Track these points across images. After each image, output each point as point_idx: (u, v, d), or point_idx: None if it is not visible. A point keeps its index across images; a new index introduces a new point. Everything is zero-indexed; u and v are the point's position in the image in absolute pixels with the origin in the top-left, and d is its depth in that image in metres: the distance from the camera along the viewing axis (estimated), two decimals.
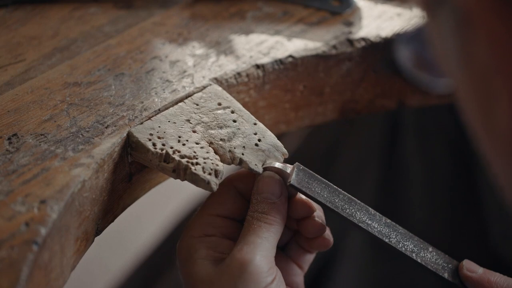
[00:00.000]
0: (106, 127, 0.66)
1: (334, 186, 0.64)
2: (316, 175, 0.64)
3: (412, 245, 0.64)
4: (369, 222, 0.63)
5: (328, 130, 1.16)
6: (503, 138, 0.39)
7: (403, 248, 0.64)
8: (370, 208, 0.64)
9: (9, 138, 0.64)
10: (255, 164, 0.64)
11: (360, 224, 0.63)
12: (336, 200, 0.63)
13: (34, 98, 0.69)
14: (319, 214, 0.64)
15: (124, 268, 1.56)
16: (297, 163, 0.64)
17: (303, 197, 0.64)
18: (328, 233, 0.65)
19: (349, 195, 0.64)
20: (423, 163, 1.12)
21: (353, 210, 0.63)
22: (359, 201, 0.64)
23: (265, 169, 0.64)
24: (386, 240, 0.63)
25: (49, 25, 0.81)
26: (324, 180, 0.64)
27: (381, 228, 0.63)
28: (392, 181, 1.12)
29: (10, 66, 0.73)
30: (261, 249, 0.59)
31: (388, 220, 0.64)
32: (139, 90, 0.71)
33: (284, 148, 0.67)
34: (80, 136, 0.65)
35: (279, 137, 0.68)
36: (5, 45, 0.77)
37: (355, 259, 1.06)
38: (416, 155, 1.11)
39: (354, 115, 0.82)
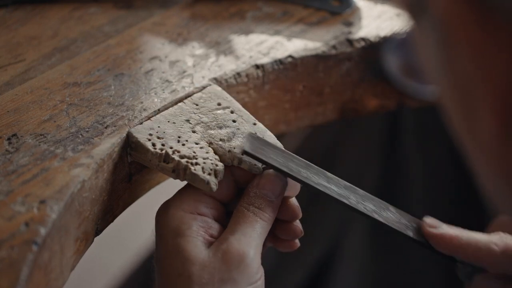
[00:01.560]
0: (106, 127, 0.66)
1: (291, 153, 0.63)
2: (271, 143, 0.63)
3: (373, 205, 0.63)
4: (327, 185, 0.62)
5: (328, 130, 1.16)
6: (487, 146, 0.39)
7: (364, 209, 0.62)
8: (327, 173, 0.63)
9: (8, 138, 0.64)
10: (255, 164, 0.64)
11: (317, 187, 0.61)
12: (292, 165, 0.62)
13: (34, 98, 0.69)
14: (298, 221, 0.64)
15: (124, 268, 1.56)
16: (249, 132, 0.64)
17: (295, 202, 0.64)
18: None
19: (306, 161, 0.63)
20: (423, 163, 1.12)
21: (309, 174, 0.62)
22: (316, 167, 0.63)
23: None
24: (345, 201, 0.61)
25: (49, 25, 0.81)
26: (280, 147, 0.63)
27: (340, 191, 0.62)
28: (392, 181, 1.12)
29: (10, 66, 0.73)
30: (257, 244, 0.59)
31: (348, 184, 0.63)
32: (139, 90, 0.71)
33: (283, 148, 0.66)
34: (80, 136, 0.65)
35: (279, 137, 0.68)
36: (5, 45, 0.77)
37: (355, 259, 1.06)
38: (416, 155, 1.11)
39: (354, 115, 0.82)
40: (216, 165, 0.63)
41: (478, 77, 0.38)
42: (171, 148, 0.64)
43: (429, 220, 0.63)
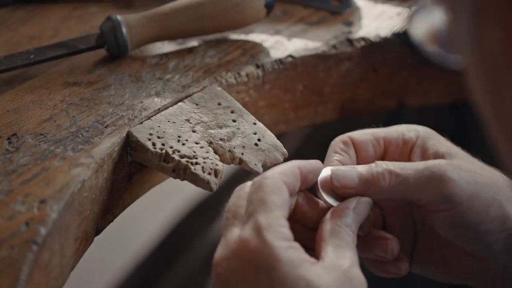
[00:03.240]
0: (106, 127, 0.66)
1: None
2: None
3: None
4: None
5: (328, 130, 1.15)
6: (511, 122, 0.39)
7: None
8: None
9: (8, 138, 0.64)
10: (255, 164, 0.64)
11: None
12: None
13: (34, 98, 0.69)
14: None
15: (124, 267, 1.57)
16: None
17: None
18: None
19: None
20: None
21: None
22: None
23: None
24: None
25: (49, 25, 0.81)
26: None
27: None
28: None
29: None
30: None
31: None
32: (139, 90, 0.71)
33: (283, 148, 0.67)
34: (80, 135, 0.65)
35: (279, 137, 0.68)
36: (5, 44, 0.77)
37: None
38: None
39: (354, 115, 0.82)
40: (216, 165, 0.63)
41: (507, 63, 0.38)
42: (171, 147, 0.64)
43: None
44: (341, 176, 0.60)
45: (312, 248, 0.56)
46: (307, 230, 0.58)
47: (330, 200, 0.59)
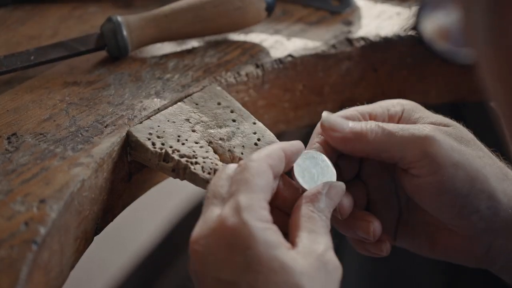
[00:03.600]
0: (106, 127, 0.66)
1: None
2: None
3: None
4: None
5: None
6: None
7: None
8: None
9: (8, 138, 0.64)
10: None
11: None
12: None
13: (34, 98, 0.69)
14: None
15: (124, 267, 1.57)
16: None
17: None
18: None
19: None
20: None
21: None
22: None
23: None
24: None
25: (49, 25, 0.81)
26: None
27: None
28: None
29: None
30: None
31: None
32: (139, 90, 0.71)
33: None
34: (80, 135, 0.65)
35: (279, 136, 0.68)
36: (5, 44, 0.77)
37: (354, 259, 1.06)
38: None
39: None
40: (216, 164, 0.63)
41: None
42: (170, 147, 0.64)
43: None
44: (332, 120, 0.61)
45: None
46: (285, 216, 0.58)
47: (304, 184, 0.59)
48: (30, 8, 0.83)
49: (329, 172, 0.60)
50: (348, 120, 0.62)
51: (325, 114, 0.62)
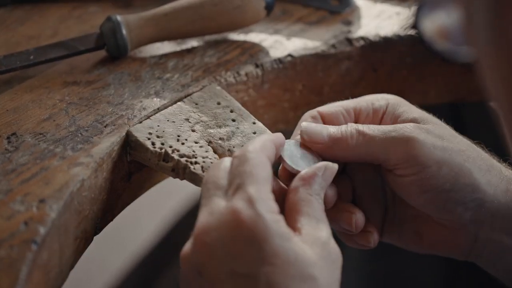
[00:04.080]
0: (105, 126, 0.66)
1: None
2: None
3: None
4: None
5: None
6: None
7: None
8: None
9: (8, 137, 0.64)
10: None
11: None
12: None
13: (33, 97, 0.69)
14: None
15: (123, 267, 1.57)
16: None
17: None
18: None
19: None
20: None
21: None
22: None
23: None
24: None
25: (48, 25, 0.81)
26: None
27: None
28: None
29: None
30: None
31: None
32: (138, 89, 0.71)
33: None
34: (79, 135, 0.65)
35: None
36: (4, 44, 0.77)
37: (353, 258, 1.06)
38: None
39: None
40: None
41: None
42: (170, 147, 0.64)
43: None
44: (310, 131, 0.61)
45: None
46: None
47: (298, 168, 0.59)
48: (29, 8, 0.83)
49: (313, 156, 0.61)
50: (329, 124, 0.62)
51: (304, 124, 0.62)
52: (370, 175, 0.63)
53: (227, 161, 0.57)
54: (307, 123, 0.62)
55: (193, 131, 0.66)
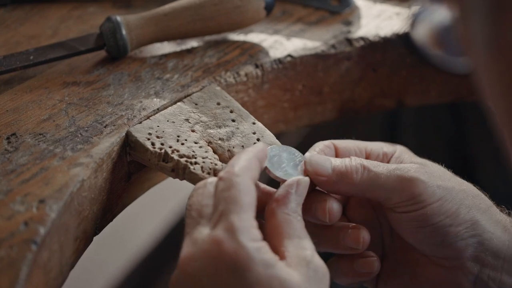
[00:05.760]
0: (105, 127, 0.66)
1: None
2: None
3: None
4: None
5: (327, 130, 1.16)
6: None
7: None
8: None
9: (8, 138, 0.64)
10: None
11: None
12: None
13: (33, 98, 0.69)
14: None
15: (123, 267, 1.57)
16: None
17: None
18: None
19: None
20: None
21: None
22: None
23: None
24: None
25: (48, 25, 0.81)
26: None
27: None
28: None
29: None
30: None
31: None
32: (138, 90, 0.71)
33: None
34: (79, 135, 0.65)
35: (278, 136, 0.68)
36: (4, 44, 0.77)
37: None
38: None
39: (353, 114, 0.82)
40: (216, 164, 0.63)
41: None
42: (170, 147, 0.64)
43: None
44: (315, 163, 0.61)
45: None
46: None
47: (285, 176, 0.59)
48: (29, 8, 0.83)
49: (297, 154, 0.62)
50: (341, 157, 0.62)
51: (308, 155, 0.62)
52: (370, 217, 0.64)
53: (210, 184, 0.57)
54: (312, 154, 0.62)
55: (193, 131, 0.66)
